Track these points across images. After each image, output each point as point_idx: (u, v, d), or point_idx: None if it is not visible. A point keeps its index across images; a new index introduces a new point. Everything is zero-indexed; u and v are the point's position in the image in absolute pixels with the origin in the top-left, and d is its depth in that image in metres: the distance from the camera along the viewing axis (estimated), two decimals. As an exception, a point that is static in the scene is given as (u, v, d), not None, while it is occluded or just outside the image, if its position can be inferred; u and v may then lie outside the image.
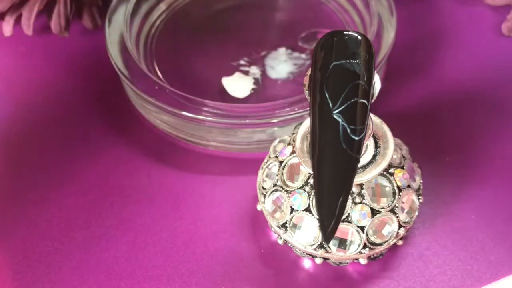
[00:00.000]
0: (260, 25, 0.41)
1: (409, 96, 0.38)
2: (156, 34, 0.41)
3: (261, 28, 0.41)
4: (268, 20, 0.42)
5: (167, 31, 0.41)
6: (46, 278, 0.31)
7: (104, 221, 0.33)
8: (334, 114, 0.25)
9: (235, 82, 0.37)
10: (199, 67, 0.39)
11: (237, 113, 0.33)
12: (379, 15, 0.37)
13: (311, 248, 0.29)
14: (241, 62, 0.39)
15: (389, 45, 0.35)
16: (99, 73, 0.40)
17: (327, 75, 0.25)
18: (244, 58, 0.39)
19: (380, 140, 0.29)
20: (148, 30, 0.40)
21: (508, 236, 0.32)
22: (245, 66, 0.39)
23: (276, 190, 0.29)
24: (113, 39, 0.37)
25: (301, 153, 0.28)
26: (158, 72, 0.38)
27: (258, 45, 0.40)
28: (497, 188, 0.34)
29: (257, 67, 0.38)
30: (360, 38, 0.25)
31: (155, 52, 0.40)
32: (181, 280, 0.31)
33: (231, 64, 0.39)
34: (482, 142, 0.36)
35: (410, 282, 0.31)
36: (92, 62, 0.41)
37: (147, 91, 0.34)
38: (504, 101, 0.38)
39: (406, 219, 0.29)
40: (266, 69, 0.38)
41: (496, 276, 0.31)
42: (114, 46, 0.36)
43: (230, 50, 0.40)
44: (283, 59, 0.39)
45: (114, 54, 0.36)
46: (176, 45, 0.40)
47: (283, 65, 0.38)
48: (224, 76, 0.38)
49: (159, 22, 0.41)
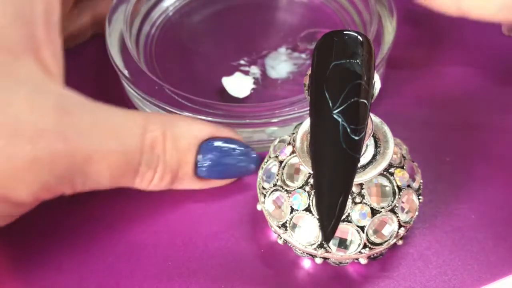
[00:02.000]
0: (260, 25, 0.41)
1: (409, 96, 0.38)
2: (156, 34, 0.41)
3: (261, 28, 0.41)
4: (268, 20, 0.42)
5: (167, 31, 0.41)
6: (46, 278, 0.31)
7: (104, 221, 0.33)
8: (334, 114, 0.24)
9: (235, 82, 0.37)
10: (199, 67, 0.39)
11: (237, 113, 0.33)
12: (379, 15, 0.37)
13: (311, 248, 0.29)
14: (241, 62, 0.39)
15: (389, 45, 0.35)
16: (98, 73, 0.40)
17: (327, 74, 0.25)
18: (244, 58, 0.39)
19: (380, 140, 0.29)
20: (148, 30, 0.40)
21: (508, 236, 0.32)
22: (245, 66, 0.39)
23: (276, 190, 0.29)
24: (113, 39, 0.37)
25: (301, 153, 0.28)
26: (158, 72, 0.38)
27: (258, 45, 0.40)
28: (497, 188, 0.34)
29: (257, 67, 0.38)
30: (360, 38, 0.25)
31: (155, 52, 0.40)
32: (181, 280, 0.31)
33: (231, 64, 0.39)
34: (482, 142, 0.36)
35: (410, 282, 0.31)
36: (92, 62, 0.40)
37: (147, 91, 0.34)
38: (504, 101, 0.38)
39: (406, 219, 0.29)
40: (266, 69, 0.38)
41: (496, 276, 0.31)
42: (114, 46, 0.36)
43: (230, 50, 0.40)
44: (283, 59, 0.39)
45: (114, 54, 0.36)
46: (176, 45, 0.40)
47: (283, 65, 0.38)
48: (224, 76, 0.38)
49: (159, 21, 0.41)
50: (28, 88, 0.27)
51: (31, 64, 0.28)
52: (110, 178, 0.29)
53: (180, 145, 0.30)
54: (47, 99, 0.27)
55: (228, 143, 0.32)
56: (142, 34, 0.40)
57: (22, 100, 0.27)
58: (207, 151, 0.31)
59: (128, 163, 0.29)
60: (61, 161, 0.27)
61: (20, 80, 0.27)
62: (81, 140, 0.27)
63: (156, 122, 0.30)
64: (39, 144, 0.26)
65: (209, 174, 0.32)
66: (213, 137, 0.31)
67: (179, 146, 0.30)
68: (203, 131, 0.31)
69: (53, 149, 0.27)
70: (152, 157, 0.30)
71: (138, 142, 0.29)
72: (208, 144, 0.31)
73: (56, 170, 0.27)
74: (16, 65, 0.28)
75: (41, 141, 0.26)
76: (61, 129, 0.27)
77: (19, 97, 0.27)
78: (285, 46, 0.39)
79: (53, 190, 0.28)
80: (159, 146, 0.30)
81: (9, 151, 0.26)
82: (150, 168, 0.30)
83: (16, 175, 0.26)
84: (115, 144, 0.28)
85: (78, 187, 0.29)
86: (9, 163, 0.26)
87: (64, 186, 0.28)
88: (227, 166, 0.32)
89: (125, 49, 0.36)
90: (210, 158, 0.31)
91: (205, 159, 0.31)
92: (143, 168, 0.30)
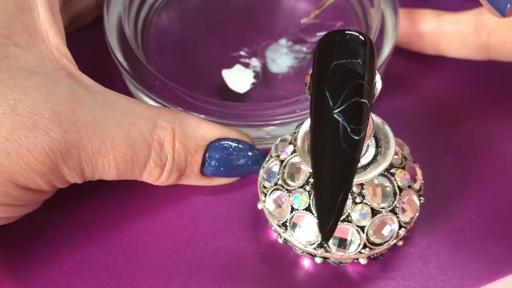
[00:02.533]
0: (262, 13, 0.41)
1: (410, 96, 0.38)
2: (154, 19, 0.40)
3: (263, 17, 0.40)
4: (270, 8, 0.41)
5: (166, 19, 0.40)
6: (46, 278, 0.31)
7: (104, 221, 0.33)
8: (334, 114, 0.24)
9: (236, 75, 0.37)
10: (198, 57, 0.38)
11: (238, 110, 0.33)
12: (382, 13, 0.36)
13: (311, 248, 0.29)
14: (241, 53, 0.38)
15: (391, 46, 0.35)
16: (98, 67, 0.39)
17: (328, 74, 0.25)
18: (244, 48, 0.39)
19: (381, 140, 0.28)
20: (145, 17, 0.40)
21: (508, 236, 0.32)
22: (245, 58, 0.38)
23: (277, 189, 0.29)
24: (111, 26, 0.36)
25: (302, 152, 0.28)
26: (157, 59, 0.37)
27: (259, 35, 0.39)
28: (497, 188, 0.34)
29: (257, 59, 0.38)
30: (362, 37, 0.25)
31: (153, 42, 0.39)
32: (181, 280, 0.31)
33: (231, 55, 0.38)
34: (482, 142, 0.36)
35: (410, 282, 0.31)
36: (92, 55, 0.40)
37: (146, 86, 0.33)
38: (505, 101, 0.38)
39: (406, 220, 0.29)
40: (267, 61, 0.38)
41: (496, 276, 0.31)
42: (112, 35, 0.36)
43: (230, 40, 0.39)
44: (284, 51, 0.38)
45: (112, 43, 0.35)
46: (175, 34, 0.40)
47: (284, 58, 0.38)
48: (224, 68, 0.37)
49: (157, 5, 0.40)
50: (41, 79, 0.28)
51: (41, 53, 0.29)
52: (117, 170, 0.29)
53: (189, 145, 0.31)
54: (60, 88, 0.28)
55: (235, 144, 0.32)
56: (140, 19, 0.39)
57: (37, 91, 0.27)
58: (214, 151, 0.32)
59: (136, 157, 0.29)
60: (74, 152, 0.28)
61: (33, 71, 0.28)
62: (91, 131, 0.28)
63: (166, 119, 0.30)
64: (56, 134, 0.27)
65: (215, 173, 0.32)
66: (221, 138, 0.32)
67: (188, 146, 0.31)
68: (211, 132, 0.32)
69: (67, 140, 0.27)
70: (160, 155, 0.30)
71: (146, 138, 0.29)
72: (215, 144, 0.32)
73: (70, 161, 0.28)
74: (27, 57, 0.28)
75: (57, 131, 0.27)
76: (75, 119, 0.28)
77: (33, 88, 0.27)
78: (286, 38, 0.39)
79: (67, 179, 0.29)
80: (168, 144, 0.30)
81: (29, 142, 0.27)
82: (158, 165, 0.30)
83: (36, 166, 0.27)
84: (123, 137, 0.29)
85: (87, 177, 0.29)
86: (29, 155, 0.27)
87: (76, 176, 0.29)
88: (233, 166, 0.32)
89: (124, 39, 0.35)
90: (216, 158, 0.32)
91: (212, 159, 0.32)
92: (151, 165, 0.30)
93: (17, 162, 0.27)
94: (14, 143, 0.27)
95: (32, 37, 0.29)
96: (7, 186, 0.27)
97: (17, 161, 0.27)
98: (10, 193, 0.27)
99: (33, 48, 0.29)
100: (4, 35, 0.28)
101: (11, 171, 0.27)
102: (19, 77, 0.27)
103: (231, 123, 0.33)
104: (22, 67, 0.28)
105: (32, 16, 0.29)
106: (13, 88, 0.27)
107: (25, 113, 0.27)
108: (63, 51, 0.30)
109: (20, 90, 0.27)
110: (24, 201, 0.29)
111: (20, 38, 0.29)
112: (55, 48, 0.30)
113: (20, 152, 0.27)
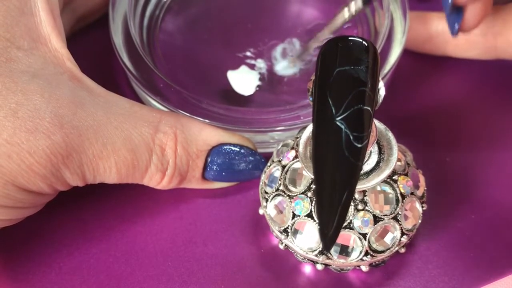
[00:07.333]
0: (269, 13, 0.40)
1: (414, 102, 0.37)
2: (160, 22, 0.39)
3: (270, 17, 0.40)
4: (277, 9, 0.41)
5: (171, 18, 0.40)
6: (46, 278, 0.31)
7: (104, 221, 0.33)
8: (337, 121, 0.24)
9: (241, 77, 0.37)
10: (203, 58, 0.38)
11: (241, 114, 0.32)
12: (391, 16, 0.36)
13: (312, 254, 0.28)
14: (247, 54, 0.38)
15: (398, 53, 0.34)
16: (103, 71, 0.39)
17: (330, 81, 0.25)
18: (250, 49, 0.38)
19: (384, 146, 0.28)
20: (151, 16, 0.39)
21: (508, 236, 0.32)
22: (251, 59, 0.38)
23: (279, 194, 0.29)
24: (116, 27, 0.36)
25: (304, 158, 0.27)
26: (161, 57, 0.37)
27: (265, 36, 0.39)
28: (497, 188, 0.34)
29: (263, 60, 0.38)
30: (365, 44, 0.25)
31: (159, 42, 0.38)
32: (181, 280, 0.31)
33: (237, 55, 0.38)
34: (482, 142, 0.36)
35: (410, 283, 0.31)
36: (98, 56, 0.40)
37: (152, 89, 0.33)
38: (505, 102, 0.37)
39: (409, 227, 0.29)
40: (273, 63, 0.38)
41: (496, 276, 0.31)
42: (118, 36, 0.35)
43: (236, 40, 0.39)
44: (289, 53, 0.38)
45: (117, 44, 0.35)
46: (181, 33, 0.39)
47: (290, 60, 0.38)
48: (229, 69, 0.37)
49: (166, 3, 0.40)
50: (43, 82, 0.28)
51: (44, 56, 0.29)
52: (118, 175, 0.29)
53: (191, 150, 0.31)
54: (62, 91, 0.28)
55: (237, 149, 0.32)
56: (146, 17, 0.39)
57: (38, 94, 0.27)
58: (216, 156, 0.31)
59: (137, 161, 0.29)
60: (75, 155, 0.28)
61: (35, 74, 0.28)
62: (92, 135, 0.28)
63: (168, 123, 0.30)
64: (57, 138, 0.27)
65: (216, 178, 0.32)
66: (223, 143, 0.31)
67: (190, 151, 0.31)
68: (213, 137, 0.31)
69: (69, 143, 0.27)
70: (162, 159, 0.30)
71: (148, 142, 0.29)
72: (217, 149, 0.31)
73: (71, 164, 0.28)
74: (29, 60, 0.28)
75: (58, 135, 0.27)
76: (76, 123, 0.28)
77: (35, 91, 0.27)
78: (293, 39, 0.38)
79: (69, 182, 0.29)
80: (170, 148, 0.30)
81: (30, 145, 0.27)
82: (159, 170, 0.30)
83: (37, 169, 0.27)
84: (124, 141, 0.29)
85: (89, 180, 0.29)
86: (30, 158, 0.27)
87: (78, 179, 0.29)
88: (235, 171, 0.32)
89: (129, 39, 0.35)
90: (218, 163, 0.31)
91: (214, 164, 0.31)
92: (152, 169, 0.30)
93: (18, 164, 0.27)
94: (15, 146, 0.27)
95: (34, 40, 0.29)
96: (8, 188, 0.27)
97: (18, 164, 0.27)
98: (12, 195, 0.27)
99: (35, 51, 0.29)
100: (6, 38, 0.28)
101: (13, 174, 0.27)
102: (21, 80, 0.27)
103: (233, 128, 0.32)
104: (24, 70, 0.28)
105: (34, 20, 0.29)
106: (14, 92, 0.27)
107: (26, 116, 0.27)
108: (65, 54, 0.30)
109: (22, 93, 0.27)
110: (26, 203, 0.29)
111: (22, 41, 0.28)
112: (58, 51, 0.29)
113: (21, 154, 0.27)
